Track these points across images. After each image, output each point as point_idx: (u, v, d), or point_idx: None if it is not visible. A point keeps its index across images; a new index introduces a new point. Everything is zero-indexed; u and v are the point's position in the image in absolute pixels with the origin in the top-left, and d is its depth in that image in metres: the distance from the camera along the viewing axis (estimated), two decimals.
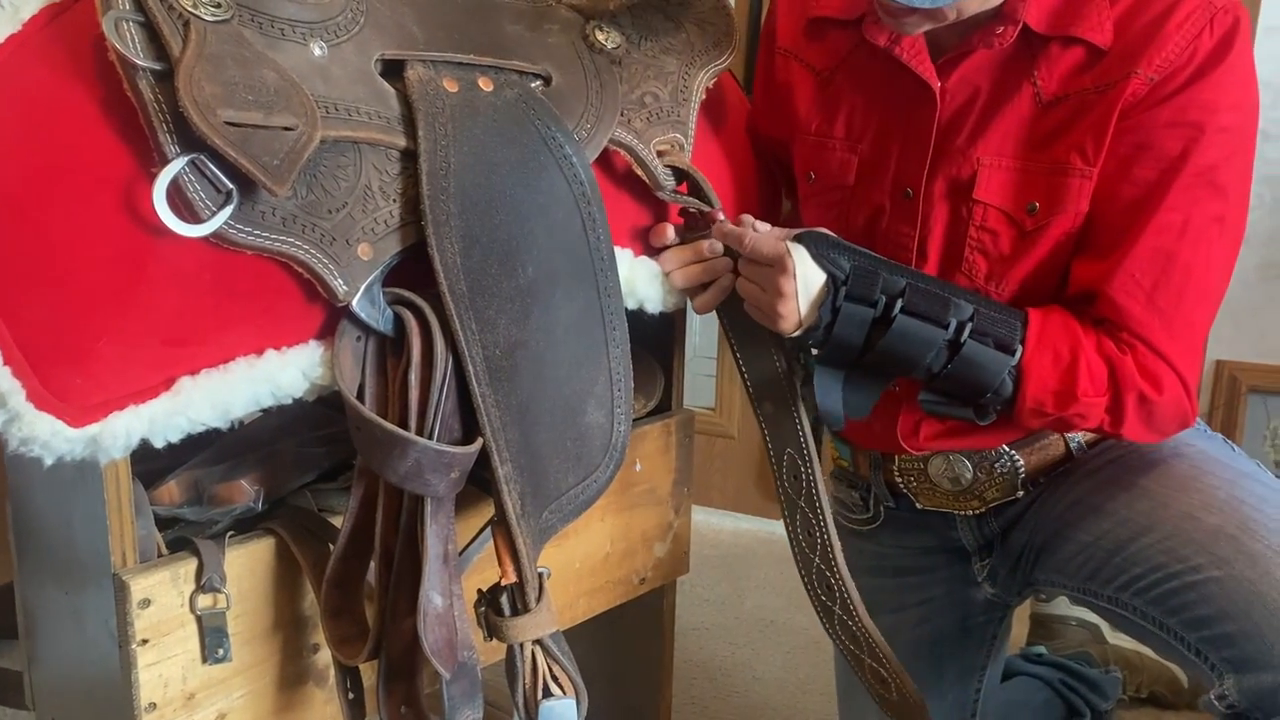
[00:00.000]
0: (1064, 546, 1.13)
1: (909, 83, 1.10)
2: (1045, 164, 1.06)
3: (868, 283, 1.04)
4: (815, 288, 1.04)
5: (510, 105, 0.99)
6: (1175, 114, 1.00)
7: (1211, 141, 1.00)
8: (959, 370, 1.04)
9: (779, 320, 1.06)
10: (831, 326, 1.04)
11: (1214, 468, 1.09)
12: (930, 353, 1.03)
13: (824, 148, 1.19)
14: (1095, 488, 1.14)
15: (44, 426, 0.79)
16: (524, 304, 0.96)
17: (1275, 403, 2.19)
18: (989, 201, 1.08)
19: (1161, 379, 1.03)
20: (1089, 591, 1.11)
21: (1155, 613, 1.03)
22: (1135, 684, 1.79)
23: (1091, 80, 1.03)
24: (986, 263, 1.09)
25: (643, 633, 1.40)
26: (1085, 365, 1.03)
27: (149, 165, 0.81)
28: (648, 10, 1.16)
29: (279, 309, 0.88)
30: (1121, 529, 1.07)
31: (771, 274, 1.05)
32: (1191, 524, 1.02)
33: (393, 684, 0.94)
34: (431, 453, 0.88)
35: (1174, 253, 1.02)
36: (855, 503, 1.35)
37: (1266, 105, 2.06)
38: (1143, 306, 1.03)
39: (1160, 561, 1.02)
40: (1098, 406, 1.04)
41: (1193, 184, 1.01)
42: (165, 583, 0.89)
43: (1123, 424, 1.04)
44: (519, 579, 0.93)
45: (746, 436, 2.63)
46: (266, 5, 0.89)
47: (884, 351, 1.04)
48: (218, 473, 1.01)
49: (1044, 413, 1.04)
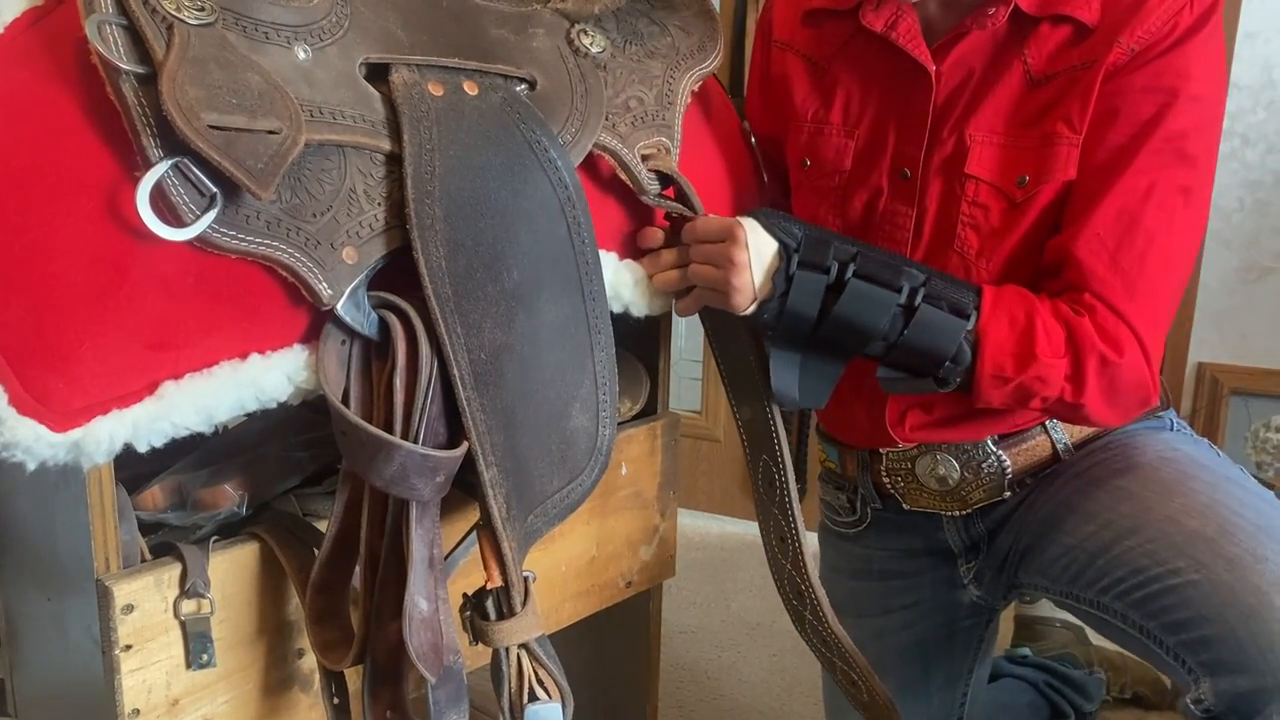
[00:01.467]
0: (1048, 549, 1.14)
1: (905, 67, 1.13)
2: (1035, 138, 1.09)
3: (820, 249, 1.04)
4: (768, 256, 1.05)
5: (495, 109, 0.99)
6: (1150, 79, 1.04)
7: (1184, 109, 1.03)
8: (914, 337, 1.04)
9: (733, 294, 1.05)
10: (786, 296, 1.04)
11: (1198, 471, 1.10)
12: (884, 318, 1.03)
13: (820, 134, 1.21)
14: (1079, 490, 1.14)
15: (26, 431, 0.78)
16: (509, 308, 0.96)
17: (1257, 405, 2.21)
18: (980, 176, 1.10)
19: (1121, 341, 1.04)
20: (1072, 595, 1.11)
21: (1136, 616, 1.03)
22: (1119, 685, 1.80)
23: (1079, 57, 1.07)
24: (978, 238, 1.11)
25: (629, 636, 1.40)
26: (1042, 326, 1.04)
27: (132, 168, 0.81)
28: (633, 15, 1.16)
29: (263, 313, 0.88)
30: (1105, 532, 1.07)
31: (723, 246, 1.05)
32: (1173, 527, 1.02)
33: (378, 689, 0.94)
34: (417, 457, 0.88)
35: (1138, 215, 1.04)
36: (843, 505, 1.36)
37: (1245, 110, 2.09)
38: (1105, 266, 1.04)
39: (1141, 565, 1.03)
40: (1058, 370, 1.04)
41: (1161, 149, 1.04)
42: (149, 588, 0.89)
43: (1084, 390, 1.04)
44: (504, 583, 0.93)
45: (732, 440, 2.64)
46: (250, 8, 0.89)
47: (838, 320, 1.04)
48: (202, 477, 1.00)
49: (1004, 376, 1.04)
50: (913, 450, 1.23)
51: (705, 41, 1.20)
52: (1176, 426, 1.23)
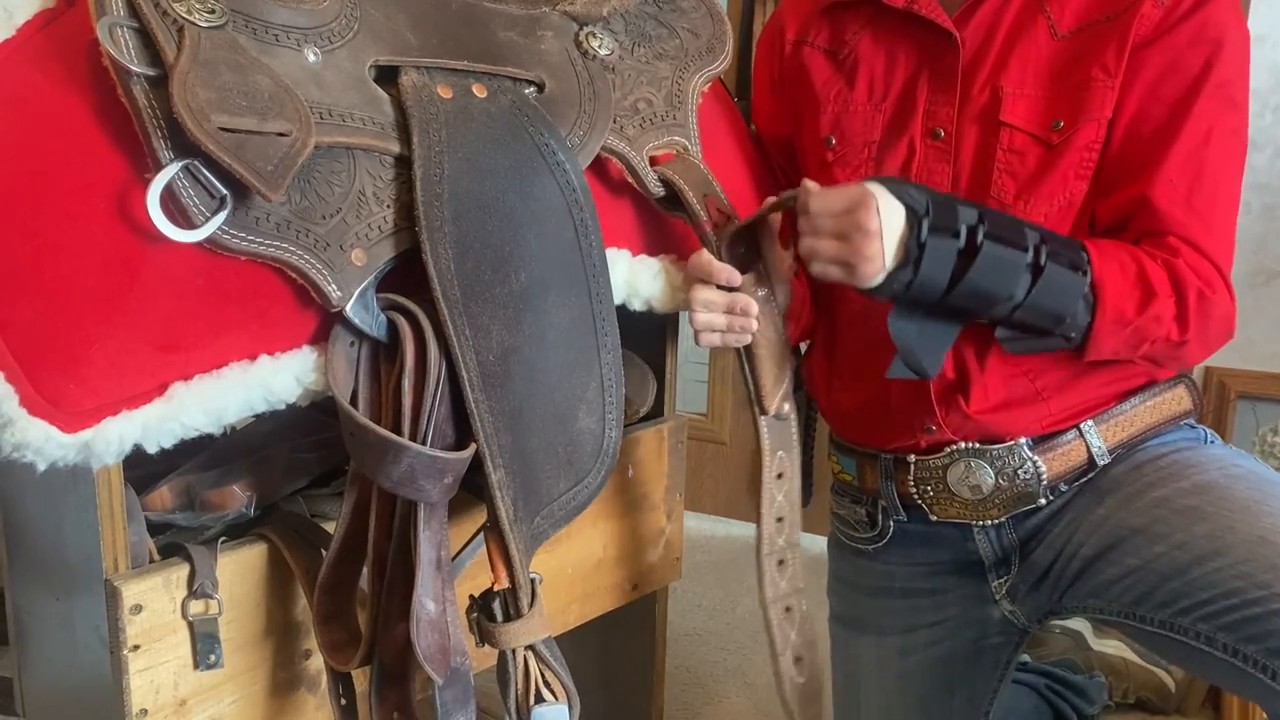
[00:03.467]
0: (1106, 570, 1.10)
1: (930, 35, 1.16)
2: (1070, 87, 1.11)
3: (948, 212, 1.01)
4: (898, 223, 1.00)
5: (504, 112, 0.99)
6: (1195, 32, 1.07)
7: (1229, 57, 1.08)
8: (1041, 297, 1.03)
9: (864, 263, 1.00)
10: (919, 263, 1.00)
11: (1273, 489, 1.07)
12: (1017, 280, 1.02)
13: (846, 112, 1.22)
14: (1138, 511, 1.10)
15: (37, 432, 0.78)
16: (517, 310, 0.96)
17: (1264, 409, 2.20)
18: (1015, 124, 1.12)
19: (1210, 277, 1.07)
20: (1134, 615, 1.07)
21: (1227, 639, 0.99)
22: (1121, 690, 1.79)
23: (1102, 10, 1.10)
24: (1015, 183, 1.12)
25: (635, 638, 1.40)
26: (1150, 268, 1.06)
27: (142, 171, 0.81)
28: (641, 17, 1.17)
29: (272, 314, 0.88)
30: (1180, 553, 1.03)
31: (852, 216, 1.00)
32: (1268, 548, 0.98)
33: (385, 690, 0.94)
34: (425, 458, 0.88)
35: (1203, 159, 1.08)
36: (860, 520, 1.31)
37: (1254, 114, 2.08)
38: (1183, 209, 1.07)
39: (1235, 587, 0.98)
40: (1168, 309, 1.06)
41: (1214, 96, 1.07)
42: (157, 588, 0.89)
43: (1188, 327, 1.06)
44: (512, 584, 0.93)
45: (738, 442, 2.64)
46: (260, 11, 0.89)
47: (970, 286, 1.01)
48: (210, 478, 1.01)
49: (1125, 320, 1.05)
50: (944, 458, 1.19)
51: (714, 43, 1.20)
52: (1211, 439, 1.21)
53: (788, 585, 1.21)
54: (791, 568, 1.21)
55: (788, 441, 1.19)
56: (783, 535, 1.20)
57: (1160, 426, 1.18)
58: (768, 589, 1.19)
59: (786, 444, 1.19)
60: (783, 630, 1.21)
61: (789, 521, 1.20)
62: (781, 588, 1.20)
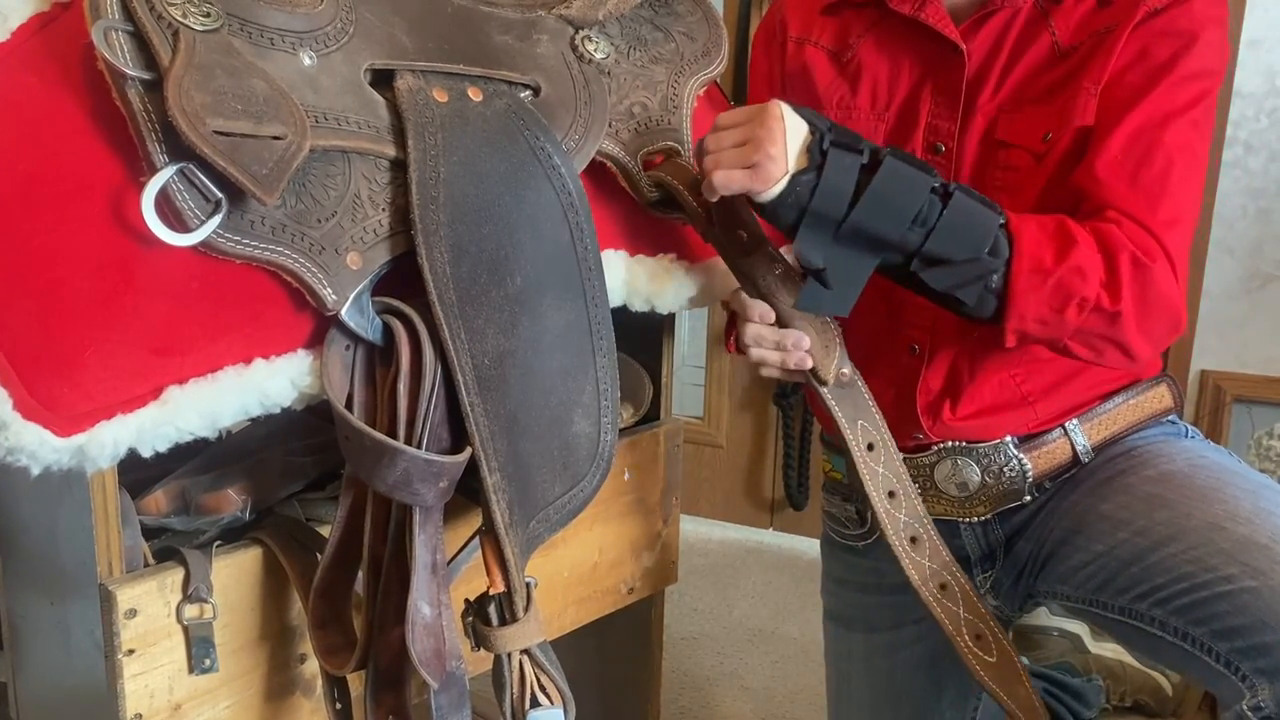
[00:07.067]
0: (1072, 556, 1.12)
1: (936, 47, 1.16)
2: (1061, 100, 1.11)
3: (850, 135, 1.02)
4: (802, 131, 1.00)
5: (499, 115, 0.99)
6: (1168, 24, 1.08)
7: (1200, 53, 1.08)
8: (952, 221, 1.00)
9: (768, 161, 0.98)
10: (822, 169, 0.98)
11: (1233, 478, 1.09)
12: (922, 198, 0.99)
13: (849, 119, 1.22)
14: (1104, 497, 1.13)
15: (31, 436, 0.78)
16: (512, 313, 0.96)
17: (1260, 412, 2.21)
18: (1012, 141, 1.13)
19: (1150, 249, 1.04)
20: (1097, 603, 1.09)
21: (1178, 623, 1.01)
22: (1119, 693, 1.79)
23: (1103, 22, 1.11)
24: (1009, 197, 1.12)
25: (631, 642, 1.40)
26: (1072, 224, 1.04)
27: (137, 174, 0.81)
28: (636, 21, 1.17)
29: (267, 318, 0.88)
30: (1140, 539, 1.06)
31: (754, 122, 1.00)
32: (1219, 534, 1.00)
33: (380, 694, 0.94)
34: (420, 462, 0.88)
35: (1156, 139, 1.06)
36: (850, 517, 1.33)
37: (1249, 117, 2.09)
38: (1126, 184, 1.06)
39: (1186, 571, 1.00)
40: (1093, 264, 1.02)
41: (1177, 85, 1.07)
42: (152, 593, 0.89)
43: (1120, 294, 1.02)
44: (507, 588, 0.93)
45: (735, 446, 2.64)
46: (256, 15, 0.89)
47: (875, 199, 0.98)
48: (205, 482, 1.00)
49: (1044, 268, 1.01)
50: (931, 456, 1.21)
51: (710, 47, 1.20)
52: (1191, 434, 1.23)
53: (931, 562, 1.14)
54: (928, 542, 1.14)
55: (864, 407, 1.11)
56: (902, 510, 1.13)
57: (1142, 423, 1.20)
58: (911, 572, 1.13)
59: (864, 410, 1.12)
60: (947, 610, 1.14)
61: (903, 492, 1.13)
62: (925, 567, 1.14)
